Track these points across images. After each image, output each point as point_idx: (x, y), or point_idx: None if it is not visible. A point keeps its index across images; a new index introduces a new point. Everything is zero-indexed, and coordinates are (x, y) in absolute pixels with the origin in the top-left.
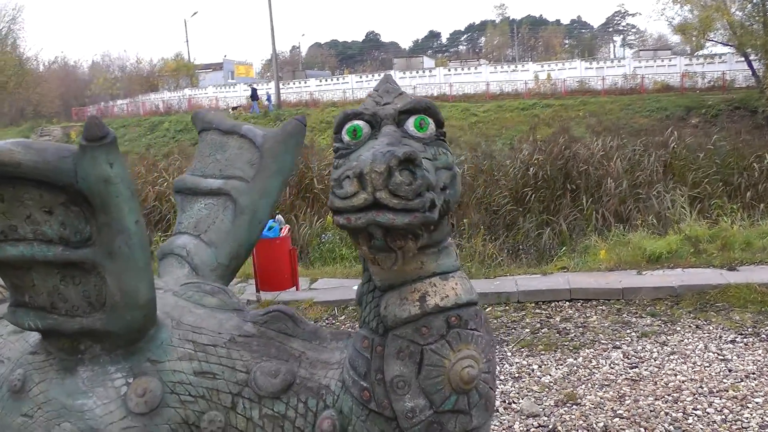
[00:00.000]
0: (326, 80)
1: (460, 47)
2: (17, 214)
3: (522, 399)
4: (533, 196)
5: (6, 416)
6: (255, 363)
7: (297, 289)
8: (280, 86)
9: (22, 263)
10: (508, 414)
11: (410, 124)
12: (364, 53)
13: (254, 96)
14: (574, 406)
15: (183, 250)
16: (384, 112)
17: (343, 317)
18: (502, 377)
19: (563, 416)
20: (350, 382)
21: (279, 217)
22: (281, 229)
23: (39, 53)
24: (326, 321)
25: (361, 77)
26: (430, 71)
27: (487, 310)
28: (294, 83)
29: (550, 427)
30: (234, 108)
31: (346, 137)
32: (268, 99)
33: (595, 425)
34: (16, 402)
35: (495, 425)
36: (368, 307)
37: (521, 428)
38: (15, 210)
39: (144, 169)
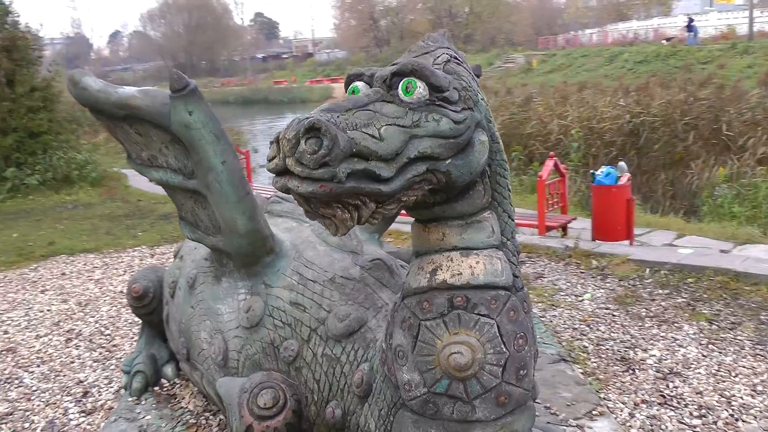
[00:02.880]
0: None
1: None
2: (153, 147)
3: (758, 419)
4: None
5: (184, 304)
6: (338, 305)
7: (631, 243)
8: (756, 14)
9: (167, 186)
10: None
11: (399, 87)
12: None
13: (690, 27)
14: None
15: None
16: (379, 73)
17: (649, 280)
18: (753, 383)
19: None
20: (381, 342)
21: (622, 163)
22: (620, 176)
23: None
24: (630, 282)
25: None
26: None
27: None
28: None
29: None
30: (668, 39)
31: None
32: (691, 30)
33: None
34: (189, 295)
35: None
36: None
37: None
38: (150, 143)
39: (554, 102)
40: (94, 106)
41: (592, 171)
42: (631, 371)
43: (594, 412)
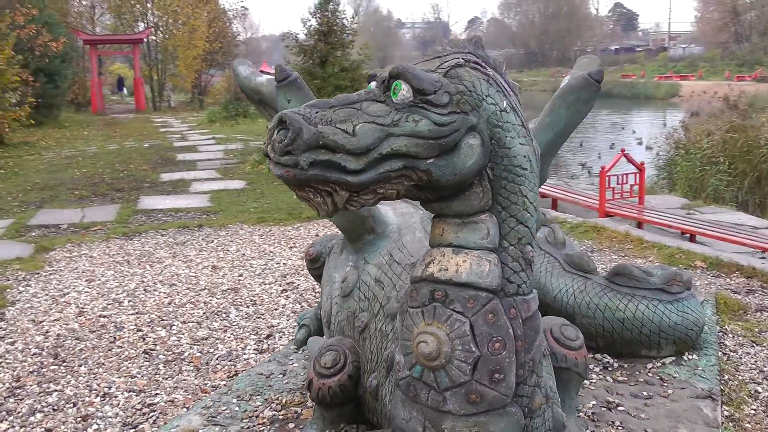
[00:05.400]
0: None
1: None
2: None
3: None
4: None
5: (324, 270)
6: (405, 287)
7: None
8: None
9: None
10: None
11: (391, 88)
12: None
13: None
14: None
15: None
16: (380, 75)
17: None
18: None
19: None
20: None
21: None
22: None
23: None
24: None
25: None
26: None
27: None
28: None
29: None
30: None
31: None
32: None
33: None
34: (327, 262)
35: None
36: None
37: None
38: None
39: None
40: (242, 90)
41: None
42: None
43: None
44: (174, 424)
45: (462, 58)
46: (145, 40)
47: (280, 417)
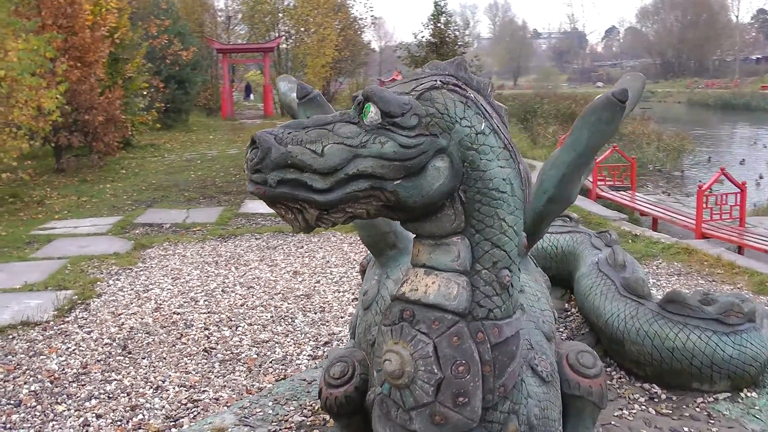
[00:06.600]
0: None
1: None
2: None
3: None
4: None
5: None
6: None
7: None
8: None
9: None
10: None
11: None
12: None
13: None
14: None
15: None
16: (357, 98)
17: None
18: None
19: None
20: None
21: None
22: None
23: None
24: None
25: None
26: None
27: None
28: None
29: None
30: None
31: None
32: None
33: None
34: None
35: None
36: None
37: None
38: None
39: None
40: (281, 105)
41: None
42: None
43: None
44: (208, 420)
45: (439, 81)
46: (276, 48)
47: (308, 423)
